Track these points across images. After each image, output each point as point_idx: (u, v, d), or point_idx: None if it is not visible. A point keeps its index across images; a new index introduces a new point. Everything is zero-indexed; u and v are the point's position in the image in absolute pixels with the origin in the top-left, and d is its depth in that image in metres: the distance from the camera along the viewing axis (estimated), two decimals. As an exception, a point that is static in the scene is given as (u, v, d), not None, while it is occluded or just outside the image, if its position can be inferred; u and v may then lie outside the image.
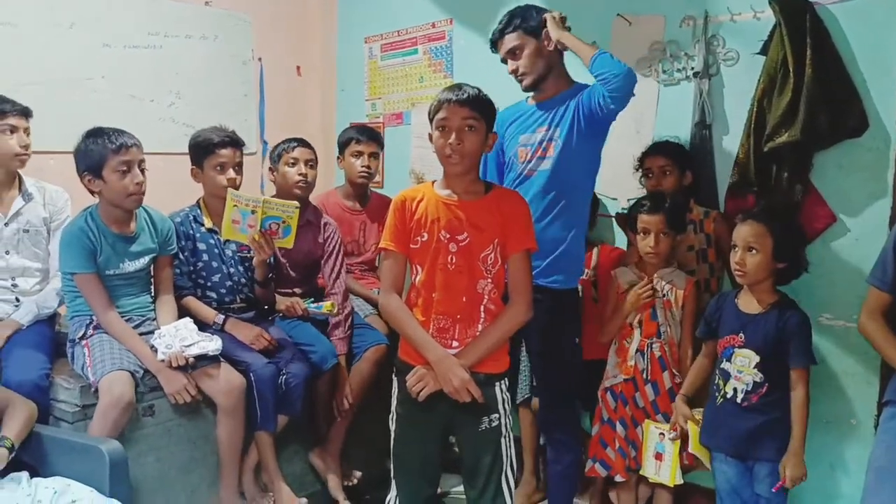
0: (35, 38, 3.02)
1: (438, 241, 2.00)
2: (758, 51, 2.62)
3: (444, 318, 2.02)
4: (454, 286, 2.01)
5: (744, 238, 2.22)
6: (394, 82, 3.89)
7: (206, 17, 3.59)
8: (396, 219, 2.05)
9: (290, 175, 2.90)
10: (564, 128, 2.41)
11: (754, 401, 2.23)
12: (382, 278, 2.13)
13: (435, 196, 2.04)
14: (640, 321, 2.59)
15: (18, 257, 2.61)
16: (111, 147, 2.39)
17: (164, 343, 2.43)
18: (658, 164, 2.71)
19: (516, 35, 2.45)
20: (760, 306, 2.26)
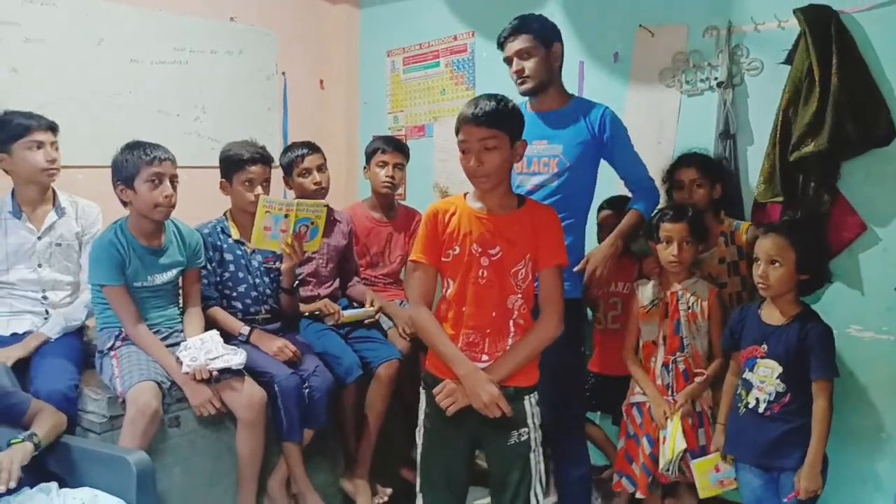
0: (64, 54, 3.06)
1: (470, 254, 1.99)
2: (782, 60, 2.61)
3: (474, 333, 2.01)
4: (485, 300, 2.00)
5: (766, 251, 2.22)
6: (416, 95, 3.91)
7: (231, 32, 3.64)
8: (428, 231, 2.04)
9: (306, 185, 2.94)
10: (572, 152, 2.46)
11: (776, 410, 2.22)
12: (411, 291, 2.12)
13: (467, 209, 2.03)
14: (664, 337, 2.56)
15: (50, 270, 2.64)
16: (145, 159, 2.44)
17: (189, 356, 2.45)
18: (689, 176, 2.68)
19: (530, 38, 2.46)
20: (783, 318, 2.26)
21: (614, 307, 2.91)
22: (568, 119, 2.49)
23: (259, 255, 2.78)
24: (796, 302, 2.27)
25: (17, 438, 1.99)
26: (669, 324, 2.55)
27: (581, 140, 2.46)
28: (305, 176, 2.95)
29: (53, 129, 2.61)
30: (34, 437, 2.01)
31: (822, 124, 2.42)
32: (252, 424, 2.50)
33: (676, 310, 2.55)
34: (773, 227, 2.29)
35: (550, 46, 2.48)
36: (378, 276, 3.29)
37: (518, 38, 2.48)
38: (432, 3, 3.75)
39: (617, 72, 3.11)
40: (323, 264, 3.01)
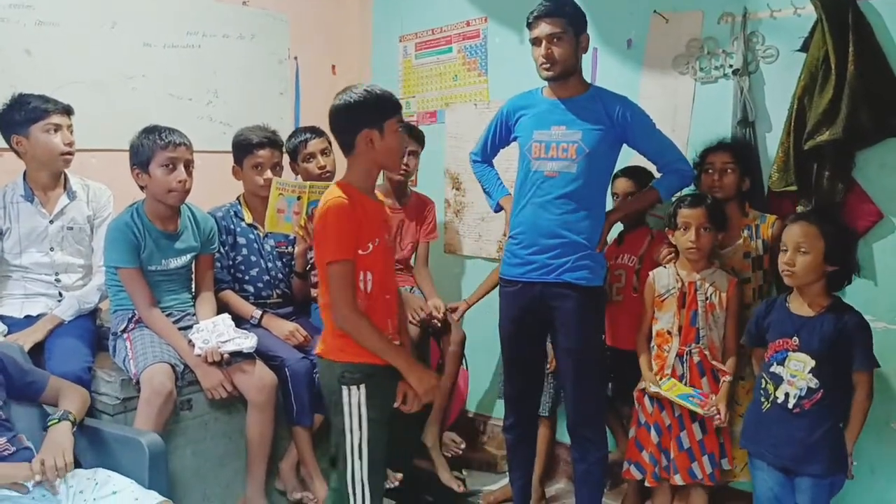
0: (77, 37, 3.06)
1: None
2: (798, 48, 2.57)
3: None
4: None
5: (794, 239, 2.19)
6: (428, 81, 3.89)
7: (244, 16, 3.63)
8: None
9: (311, 170, 2.96)
10: (590, 138, 2.45)
11: (807, 407, 2.17)
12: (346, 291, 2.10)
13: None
14: (679, 328, 2.55)
15: (62, 254, 2.66)
16: (160, 143, 2.47)
17: (201, 338, 2.48)
18: (721, 160, 2.62)
19: (564, 22, 2.43)
20: (814, 309, 2.22)
21: (618, 279, 2.88)
22: (587, 106, 2.48)
23: (272, 240, 2.80)
24: (826, 293, 2.22)
25: (53, 419, 2.01)
26: (686, 314, 2.54)
27: (600, 128, 2.45)
28: (310, 160, 2.96)
29: (69, 112, 2.62)
30: (69, 414, 2.04)
31: (837, 112, 2.39)
32: (262, 407, 2.53)
33: (694, 300, 2.53)
34: (802, 214, 2.27)
35: (581, 35, 2.47)
36: (389, 261, 3.29)
37: (552, 20, 2.43)
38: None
39: (630, 58, 3.09)
40: None
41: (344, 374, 2.06)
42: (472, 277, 3.72)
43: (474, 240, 3.73)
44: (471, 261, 3.77)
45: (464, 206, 3.75)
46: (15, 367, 2.13)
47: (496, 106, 3.52)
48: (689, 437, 2.52)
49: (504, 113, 2.67)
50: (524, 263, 2.52)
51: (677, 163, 2.54)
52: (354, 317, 2.01)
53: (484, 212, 3.63)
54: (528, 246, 2.51)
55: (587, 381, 2.51)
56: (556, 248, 2.46)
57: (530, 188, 2.52)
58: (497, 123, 2.70)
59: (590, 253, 2.47)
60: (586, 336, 2.49)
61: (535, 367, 2.72)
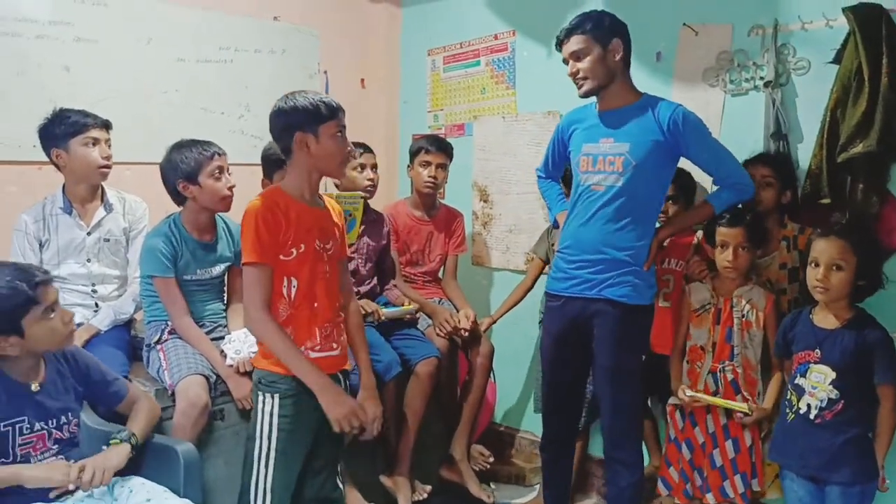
0: (114, 53, 3.13)
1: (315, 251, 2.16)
2: (831, 60, 2.55)
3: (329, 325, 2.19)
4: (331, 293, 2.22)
5: (828, 255, 2.16)
6: (456, 94, 3.92)
7: (275, 31, 3.68)
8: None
9: (358, 179, 2.98)
10: (640, 149, 2.37)
11: (828, 418, 2.17)
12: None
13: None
14: (713, 344, 2.52)
15: (99, 265, 2.71)
16: (206, 154, 2.53)
17: (233, 348, 2.50)
18: (760, 173, 2.57)
19: (584, 38, 2.40)
20: (837, 322, 2.20)
21: (666, 284, 2.82)
22: (636, 116, 2.41)
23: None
24: (850, 306, 2.21)
25: (115, 438, 2.01)
26: (721, 330, 2.51)
27: (650, 139, 2.37)
28: (360, 171, 3.00)
29: (108, 126, 2.68)
30: (132, 437, 2.03)
31: (871, 124, 2.36)
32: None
33: (730, 317, 2.50)
34: (833, 229, 2.23)
35: (608, 43, 2.40)
36: (417, 273, 3.32)
37: (570, 39, 2.42)
38: (473, 3, 3.75)
39: (659, 71, 3.09)
40: (362, 263, 3.04)
41: (261, 381, 2.12)
42: (499, 289, 3.73)
43: (502, 252, 3.74)
44: (498, 273, 3.78)
45: (491, 219, 3.76)
46: (99, 374, 2.13)
47: (524, 119, 3.56)
48: (721, 455, 2.50)
49: (560, 129, 2.64)
50: (568, 278, 2.49)
51: (736, 176, 2.44)
52: (262, 320, 2.04)
53: (511, 224, 3.64)
54: (572, 261, 2.48)
55: (623, 400, 2.46)
56: (598, 264, 2.42)
57: (577, 202, 2.49)
58: (555, 140, 2.67)
59: (634, 270, 2.40)
60: (622, 355, 2.43)
61: (574, 388, 2.66)
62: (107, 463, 1.93)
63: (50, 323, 1.90)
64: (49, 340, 1.93)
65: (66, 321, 1.96)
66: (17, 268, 1.91)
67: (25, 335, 1.86)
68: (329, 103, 2.08)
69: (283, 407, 2.08)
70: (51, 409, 1.97)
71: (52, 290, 1.93)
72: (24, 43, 2.90)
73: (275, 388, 2.09)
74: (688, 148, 2.40)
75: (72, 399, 2.05)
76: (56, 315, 1.92)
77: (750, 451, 2.48)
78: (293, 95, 2.08)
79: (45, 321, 1.89)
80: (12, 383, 1.92)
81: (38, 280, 1.88)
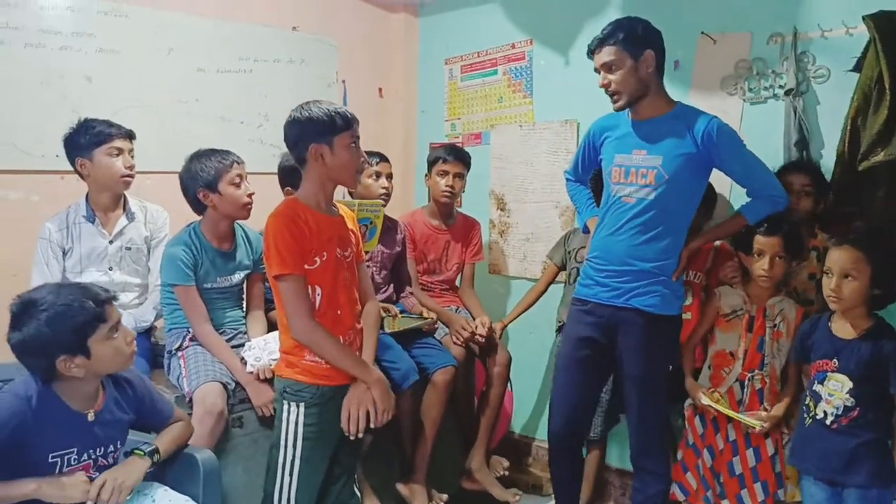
0: (136, 63, 3.16)
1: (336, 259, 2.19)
2: (851, 68, 2.54)
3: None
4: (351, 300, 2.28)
5: (841, 264, 2.16)
6: (473, 103, 3.93)
7: (294, 41, 3.71)
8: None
9: (373, 187, 2.99)
10: (673, 162, 2.35)
11: (844, 423, 2.18)
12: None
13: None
14: (745, 351, 2.50)
15: (120, 273, 2.74)
16: (225, 163, 2.56)
17: (252, 355, 2.52)
18: (800, 182, 2.55)
19: (615, 49, 2.36)
20: (854, 331, 2.21)
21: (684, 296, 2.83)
22: (670, 128, 2.38)
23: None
24: (868, 315, 2.21)
25: (140, 450, 1.99)
26: (753, 339, 2.49)
27: (683, 152, 2.35)
28: (376, 178, 3.01)
29: (131, 136, 2.72)
30: (156, 454, 2.00)
31: (892, 132, 2.35)
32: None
33: (763, 326, 2.48)
34: (848, 238, 2.22)
35: (640, 54, 2.36)
36: (435, 282, 3.32)
37: (603, 49, 2.39)
38: (491, 12, 3.77)
39: (677, 79, 3.08)
40: (377, 271, 3.05)
41: (286, 390, 2.13)
42: (516, 297, 3.73)
43: (519, 260, 3.74)
44: (515, 281, 3.78)
45: (508, 227, 3.76)
46: (151, 400, 2.09)
47: (541, 127, 3.57)
48: (741, 463, 2.48)
49: (591, 133, 2.62)
50: (596, 284, 2.49)
51: (770, 188, 2.40)
52: (312, 328, 2.07)
53: (528, 232, 3.65)
54: (600, 269, 2.49)
55: (649, 410, 2.47)
56: (625, 275, 2.42)
57: (608, 212, 2.49)
58: (586, 145, 2.66)
59: (663, 280, 2.39)
60: (651, 365, 2.43)
61: (585, 404, 2.64)
62: (126, 480, 1.90)
63: (114, 342, 1.87)
64: (113, 361, 1.90)
65: (129, 341, 1.93)
66: (81, 287, 1.90)
67: (91, 355, 1.82)
68: (343, 114, 2.09)
69: (308, 416, 2.11)
70: (101, 439, 1.94)
71: (115, 310, 1.91)
72: (47, 54, 2.94)
73: (300, 397, 2.11)
74: (722, 161, 2.38)
75: (123, 428, 2.03)
76: (119, 335, 1.90)
77: (772, 459, 2.46)
78: (308, 106, 2.09)
79: (110, 341, 1.86)
80: (69, 413, 1.88)
81: (103, 298, 1.86)
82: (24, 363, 1.83)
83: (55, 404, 1.85)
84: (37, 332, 1.76)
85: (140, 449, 2.00)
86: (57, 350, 1.78)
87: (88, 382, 1.90)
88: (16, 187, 2.91)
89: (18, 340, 1.78)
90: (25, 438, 1.80)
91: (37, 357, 1.80)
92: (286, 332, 2.14)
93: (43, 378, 1.84)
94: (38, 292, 1.83)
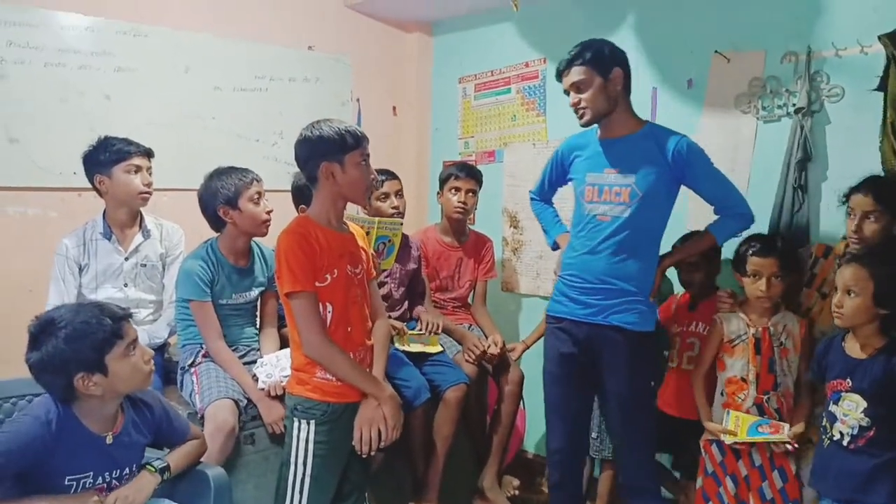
0: (153, 82, 3.22)
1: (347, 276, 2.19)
2: (874, 87, 2.50)
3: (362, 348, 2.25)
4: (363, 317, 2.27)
5: (844, 281, 2.16)
6: (487, 121, 3.95)
7: (309, 60, 3.75)
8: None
9: (383, 209, 2.99)
10: (646, 180, 2.37)
11: (861, 444, 2.14)
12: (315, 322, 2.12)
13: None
14: (756, 375, 2.47)
15: (136, 290, 2.77)
16: (245, 180, 2.58)
17: (264, 372, 2.52)
18: (862, 207, 2.33)
19: (584, 69, 2.38)
20: (867, 350, 2.18)
21: (691, 348, 2.79)
22: (641, 147, 2.40)
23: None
24: (880, 334, 2.18)
25: (151, 466, 1.97)
26: (763, 361, 2.47)
27: (655, 170, 2.37)
28: (384, 200, 3.01)
29: (150, 155, 2.75)
30: (167, 471, 1.99)
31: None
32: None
33: (770, 347, 2.46)
34: (855, 256, 2.22)
35: (609, 72, 2.38)
36: (447, 299, 3.32)
37: (570, 70, 2.41)
38: (504, 31, 3.79)
39: (691, 98, 3.09)
40: (395, 287, 3.05)
41: (297, 407, 2.12)
42: (529, 315, 3.72)
43: (532, 278, 3.73)
44: (528, 299, 3.77)
45: (521, 245, 3.76)
46: (168, 422, 2.07)
47: (555, 145, 3.54)
48: (770, 488, 2.44)
49: (560, 153, 2.64)
50: (571, 301, 2.49)
51: (738, 206, 2.44)
52: (324, 345, 2.07)
53: (541, 250, 3.64)
54: (576, 288, 2.48)
55: (636, 426, 2.45)
56: (604, 293, 2.42)
57: (582, 230, 2.49)
58: (553, 164, 2.68)
59: (640, 298, 2.41)
60: (635, 382, 2.43)
61: (579, 417, 2.63)
62: (136, 498, 1.89)
63: (132, 360, 1.86)
64: (131, 379, 1.88)
65: (146, 360, 1.92)
66: (99, 305, 1.90)
67: (109, 373, 1.81)
68: (354, 132, 2.10)
69: (319, 433, 2.10)
70: (118, 461, 1.93)
71: (132, 327, 1.90)
72: (67, 73, 2.99)
73: (310, 415, 2.11)
74: (693, 178, 2.41)
75: (139, 451, 2.01)
76: (137, 352, 1.89)
77: (798, 476, 2.42)
78: (318, 125, 2.10)
79: (127, 358, 1.85)
80: (88, 435, 1.87)
81: (120, 315, 1.87)
82: (43, 382, 1.83)
83: (74, 427, 1.85)
84: (55, 350, 1.77)
85: (151, 465, 1.99)
86: (75, 368, 1.78)
87: (107, 403, 1.89)
88: (33, 204, 2.95)
89: (37, 360, 1.79)
90: (44, 461, 1.80)
91: (55, 375, 1.79)
92: (297, 349, 2.14)
93: (61, 397, 1.84)
94: (56, 311, 1.84)
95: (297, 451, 2.11)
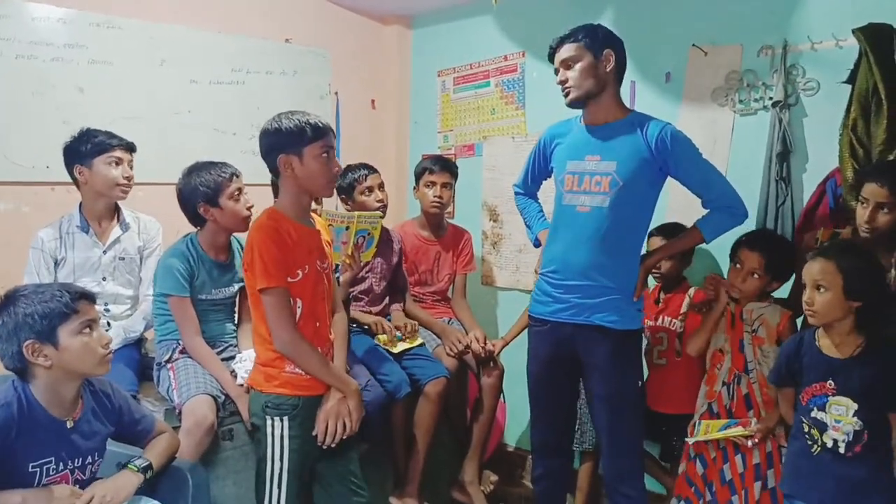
0: (128, 75, 3.17)
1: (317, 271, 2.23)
2: (843, 80, 2.53)
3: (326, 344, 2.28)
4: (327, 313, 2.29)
5: (812, 276, 2.07)
6: (466, 114, 3.94)
7: (287, 53, 3.72)
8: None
9: (368, 203, 2.96)
10: (627, 167, 2.30)
11: (858, 451, 2.05)
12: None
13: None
14: (731, 347, 2.48)
15: (113, 284, 2.73)
16: (224, 176, 2.55)
17: (243, 368, 2.50)
18: (876, 197, 2.19)
19: (575, 46, 2.33)
20: (848, 349, 2.08)
21: (660, 342, 2.81)
22: (624, 133, 2.33)
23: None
24: (858, 331, 2.08)
25: (133, 465, 1.96)
26: (735, 338, 2.48)
27: (638, 157, 2.29)
28: (368, 194, 2.99)
29: (132, 149, 2.72)
30: (149, 470, 1.97)
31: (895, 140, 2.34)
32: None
33: (741, 327, 2.47)
34: (820, 250, 2.14)
35: (600, 53, 2.32)
36: (426, 293, 3.31)
37: (563, 47, 2.36)
38: (483, 24, 3.78)
39: (669, 91, 3.10)
40: (376, 282, 3.04)
41: (268, 404, 2.12)
42: (508, 309, 3.73)
43: (511, 272, 3.74)
44: (508, 293, 3.78)
45: (501, 238, 3.76)
46: (130, 414, 2.06)
47: (533, 139, 3.55)
48: (731, 470, 2.45)
49: (542, 141, 2.58)
50: (554, 301, 2.43)
51: (727, 199, 2.34)
52: (296, 341, 2.08)
53: (521, 244, 3.65)
54: (557, 285, 2.42)
55: (623, 428, 2.39)
56: (586, 290, 2.35)
57: (562, 223, 2.44)
58: (535, 154, 2.62)
59: (622, 295, 2.35)
60: (621, 382, 2.37)
61: (565, 414, 2.62)
62: (116, 496, 1.87)
63: (85, 339, 1.85)
64: (82, 359, 1.85)
65: (104, 343, 1.90)
66: (65, 283, 1.95)
67: (59, 346, 1.81)
68: (315, 124, 2.08)
69: (292, 428, 2.11)
70: (80, 449, 1.92)
71: (92, 308, 1.90)
72: (39, 65, 2.94)
73: (282, 411, 2.11)
74: (677, 168, 2.32)
75: (101, 440, 1.99)
76: (94, 334, 1.88)
77: (756, 468, 2.42)
78: (279, 117, 2.10)
79: (81, 335, 1.84)
80: (49, 418, 1.85)
81: (80, 293, 1.88)
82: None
83: (35, 409, 1.84)
84: (9, 316, 1.80)
85: (133, 464, 1.97)
86: (26, 334, 1.79)
87: (63, 384, 1.87)
88: (5, 198, 2.90)
89: None
90: (7, 447, 1.78)
91: (8, 342, 1.80)
92: (264, 345, 2.14)
93: (12, 366, 1.84)
94: (23, 285, 1.90)
95: (272, 449, 2.12)
